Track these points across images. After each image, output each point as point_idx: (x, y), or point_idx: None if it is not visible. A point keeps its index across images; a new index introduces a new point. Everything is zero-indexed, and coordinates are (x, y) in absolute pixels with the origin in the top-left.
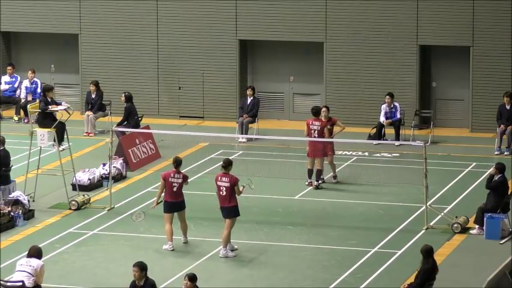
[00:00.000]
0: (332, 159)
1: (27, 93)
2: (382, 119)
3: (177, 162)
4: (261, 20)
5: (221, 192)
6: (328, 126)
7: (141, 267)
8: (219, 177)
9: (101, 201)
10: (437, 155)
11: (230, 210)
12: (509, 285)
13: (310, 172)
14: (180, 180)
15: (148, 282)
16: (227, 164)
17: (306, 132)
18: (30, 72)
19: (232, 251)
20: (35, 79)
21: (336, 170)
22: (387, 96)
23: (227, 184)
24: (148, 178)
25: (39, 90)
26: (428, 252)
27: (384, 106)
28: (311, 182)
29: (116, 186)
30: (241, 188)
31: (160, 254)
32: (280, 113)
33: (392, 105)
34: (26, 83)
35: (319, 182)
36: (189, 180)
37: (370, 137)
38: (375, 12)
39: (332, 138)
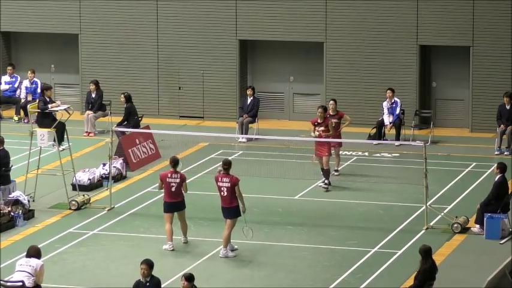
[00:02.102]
0: (339, 151)
1: (27, 93)
2: (386, 120)
3: (174, 162)
4: (261, 20)
5: (222, 193)
6: (336, 120)
7: (150, 264)
8: (220, 178)
9: (101, 201)
10: (437, 155)
11: (231, 211)
12: (509, 285)
13: (327, 172)
14: (177, 180)
15: (154, 280)
16: (228, 165)
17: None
18: (29, 72)
19: (232, 251)
20: (35, 79)
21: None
22: (388, 91)
23: (228, 184)
24: (148, 178)
25: (39, 90)
26: (426, 252)
27: (385, 104)
28: (327, 186)
29: (116, 186)
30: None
31: (160, 254)
32: (280, 113)
33: (392, 101)
34: (26, 83)
35: (326, 182)
36: (188, 181)
37: (370, 137)
38: (375, 12)
39: (339, 131)
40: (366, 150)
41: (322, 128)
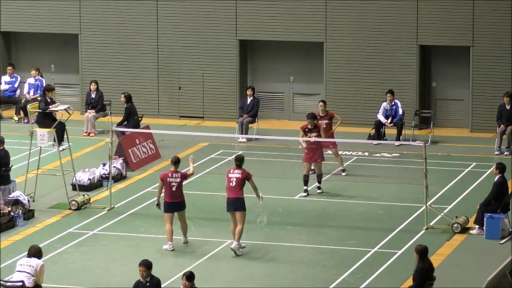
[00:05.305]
0: (337, 151)
1: (29, 89)
2: (382, 118)
3: (175, 161)
4: (261, 20)
5: (231, 183)
6: (326, 121)
7: (147, 265)
8: (232, 170)
9: (101, 201)
10: (437, 155)
11: (238, 202)
12: (509, 285)
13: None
14: (178, 180)
15: (154, 280)
16: (239, 161)
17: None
18: (33, 70)
19: (241, 248)
20: (39, 77)
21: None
22: (388, 94)
23: (238, 175)
24: (148, 178)
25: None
26: (422, 252)
27: (384, 104)
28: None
29: (116, 186)
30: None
31: (160, 254)
32: (280, 113)
33: (393, 103)
34: (30, 80)
35: (319, 186)
36: (189, 180)
37: (370, 137)
38: (375, 12)
39: (332, 131)
40: (366, 150)
41: (314, 134)
